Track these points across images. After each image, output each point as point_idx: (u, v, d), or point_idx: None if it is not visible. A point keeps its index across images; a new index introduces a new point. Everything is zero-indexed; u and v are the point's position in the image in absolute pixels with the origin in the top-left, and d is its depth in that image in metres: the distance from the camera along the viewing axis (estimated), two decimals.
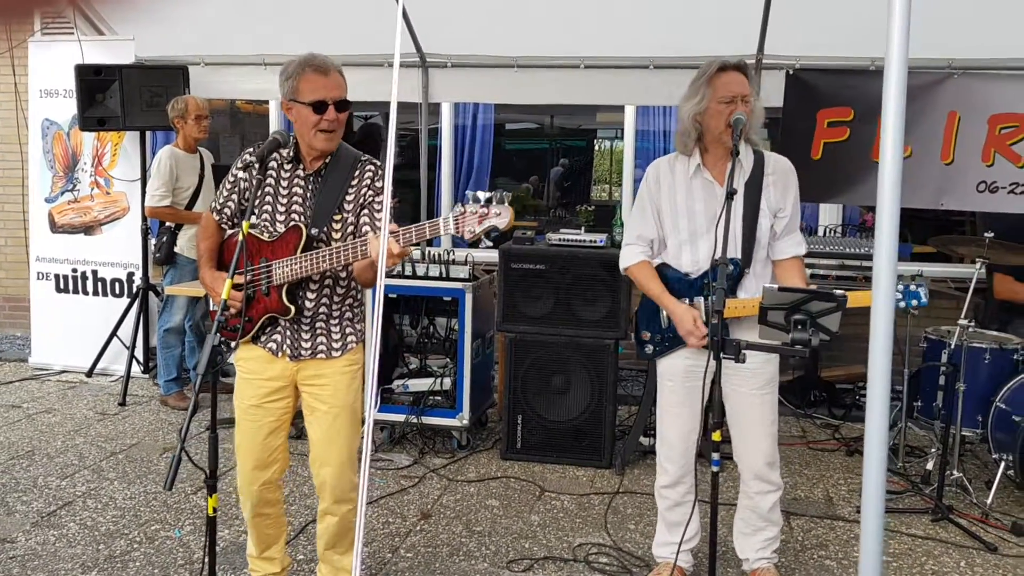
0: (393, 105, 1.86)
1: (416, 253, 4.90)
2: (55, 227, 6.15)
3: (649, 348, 3.15)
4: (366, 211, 2.66)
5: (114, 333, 5.78)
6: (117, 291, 6.04)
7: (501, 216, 2.35)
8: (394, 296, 4.81)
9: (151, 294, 5.82)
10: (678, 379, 3.07)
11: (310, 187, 2.68)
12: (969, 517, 3.87)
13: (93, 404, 5.42)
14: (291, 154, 2.69)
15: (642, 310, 3.18)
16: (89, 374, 5.92)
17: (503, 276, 4.53)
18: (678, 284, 3.00)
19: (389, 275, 4.69)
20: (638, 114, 6.72)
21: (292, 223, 2.66)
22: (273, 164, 2.71)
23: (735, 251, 2.91)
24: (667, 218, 3.03)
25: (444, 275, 4.69)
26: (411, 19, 5.40)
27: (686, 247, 3.00)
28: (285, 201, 2.68)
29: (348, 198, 2.68)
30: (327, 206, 2.65)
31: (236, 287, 2.62)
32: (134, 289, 5.88)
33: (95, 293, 6.08)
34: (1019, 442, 3.82)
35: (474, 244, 6.61)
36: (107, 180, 6.05)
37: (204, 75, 5.92)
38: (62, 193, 6.14)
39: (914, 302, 3.32)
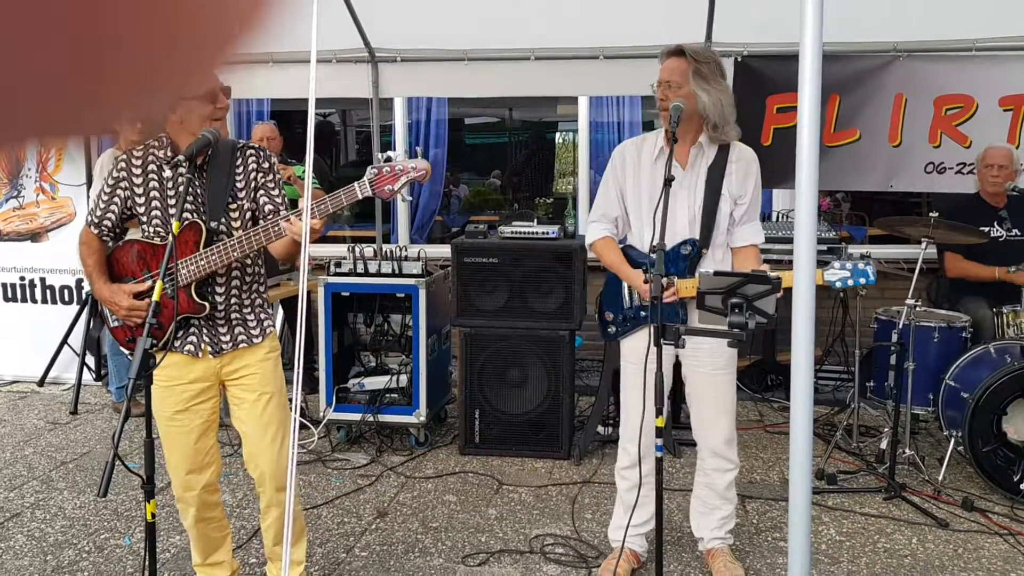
0: (311, 98, 1.83)
1: (368, 250, 4.86)
2: (0, 235, 6.02)
3: (612, 329, 3.18)
4: (262, 192, 2.67)
5: (64, 341, 5.68)
6: (66, 298, 5.93)
7: (417, 170, 2.34)
8: (347, 295, 4.76)
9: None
10: (640, 362, 3.07)
11: (197, 183, 2.64)
12: (921, 494, 3.92)
13: (44, 413, 5.32)
14: (169, 154, 2.64)
15: (605, 292, 3.21)
16: (41, 383, 5.81)
17: (456, 271, 4.51)
18: (642, 266, 3.03)
19: (341, 274, 4.65)
20: (591, 105, 6.72)
21: (187, 221, 2.61)
22: (152, 167, 2.66)
23: (694, 232, 2.96)
24: (631, 200, 3.08)
25: (397, 272, 4.65)
26: (358, 14, 5.34)
27: (648, 229, 3.02)
28: (173, 201, 2.63)
29: (238, 185, 2.67)
30: (219, 197, 2.63)
31: (137, 296, 2.62)
32: (83, 296, 5.78)
33: (44, 301, 5.97)
34: (968, 418, 3.87)
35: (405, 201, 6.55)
36: (52, 185, 5.93)
37: None
38: (7, 200, 6.00)
39: (862, 280, 3.35)
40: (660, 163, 2.99)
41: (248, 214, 2.67)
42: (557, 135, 10.69)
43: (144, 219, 2.67)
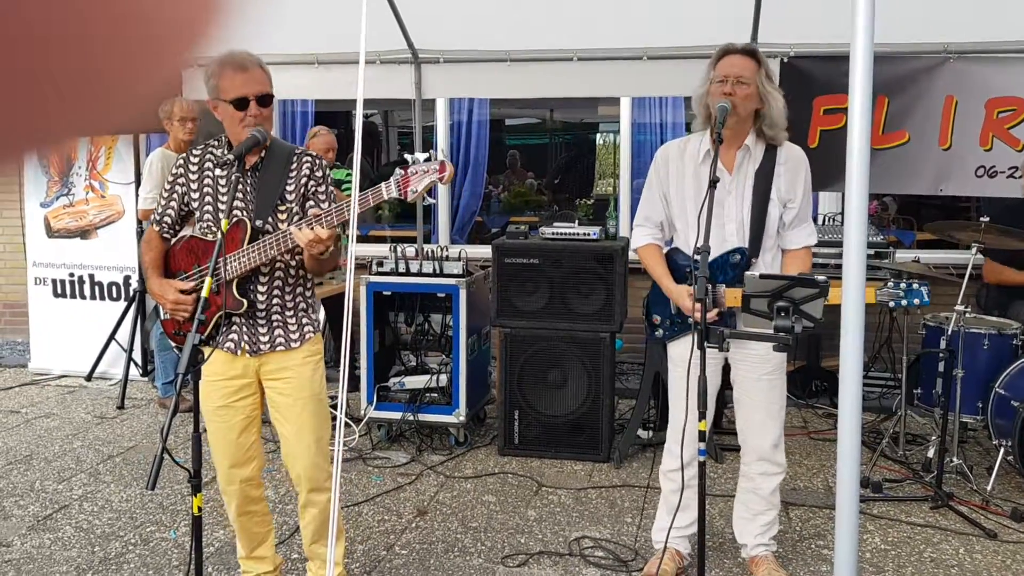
0: (359, 100, 1.85)
1: (410, 250, 4.89)
2: (51, 232, 6.16)
3: (660, 332, 3.18)
4: (311, 202, 2.70)
5: (112, 336, 5.78)
6: (114, 294, 6.04)
7: (440, 171, 2.36)
8: (388, 294, 4.79)
9: (148, 296, 5.81)
10: (684, 366, 3.05)
11: (249, 182, 2.69)
12: (969, 504, 3.84)
13: (92, 408, 5.43)
14: (225, 153, 2.70)
15: (652, 294, 3.21)
16: (88, 378, 5.93)
17: (497, 271, 4.51)
18: (688, 271, 3.00)
19: (383, 273, 4.68)
20: (634, 106, 6.68)
21: (235, 219, 2.65)
22: (209, 165, 2.72)
23: (743, 240, 2.92)
24: (675, 203, 3.06)
25: (438, 272, 4.67)
26: (402, 15, 5.37)
27: (694, 232, 2.98)
28: (226, 199, 2.68)
29: (289, 189, 2.70)
30: (269, 198, 2.67)
31: (184, 292, 2.67)
32: (131, 292, 5.88)
33: (92, 297, 6.09)
34: (1018, 427, 3.78)
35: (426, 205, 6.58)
36: (101, 183, 6.05)
37: (196, 76, 5.90)
38: (57, 198, 6.14)
39: (916, 301, 3.27)
40: (707, 165, 2.95)
41: (296, 218, 2.69)
42: (598, 136, 10.65)
43: (198, 215, 2.73)
